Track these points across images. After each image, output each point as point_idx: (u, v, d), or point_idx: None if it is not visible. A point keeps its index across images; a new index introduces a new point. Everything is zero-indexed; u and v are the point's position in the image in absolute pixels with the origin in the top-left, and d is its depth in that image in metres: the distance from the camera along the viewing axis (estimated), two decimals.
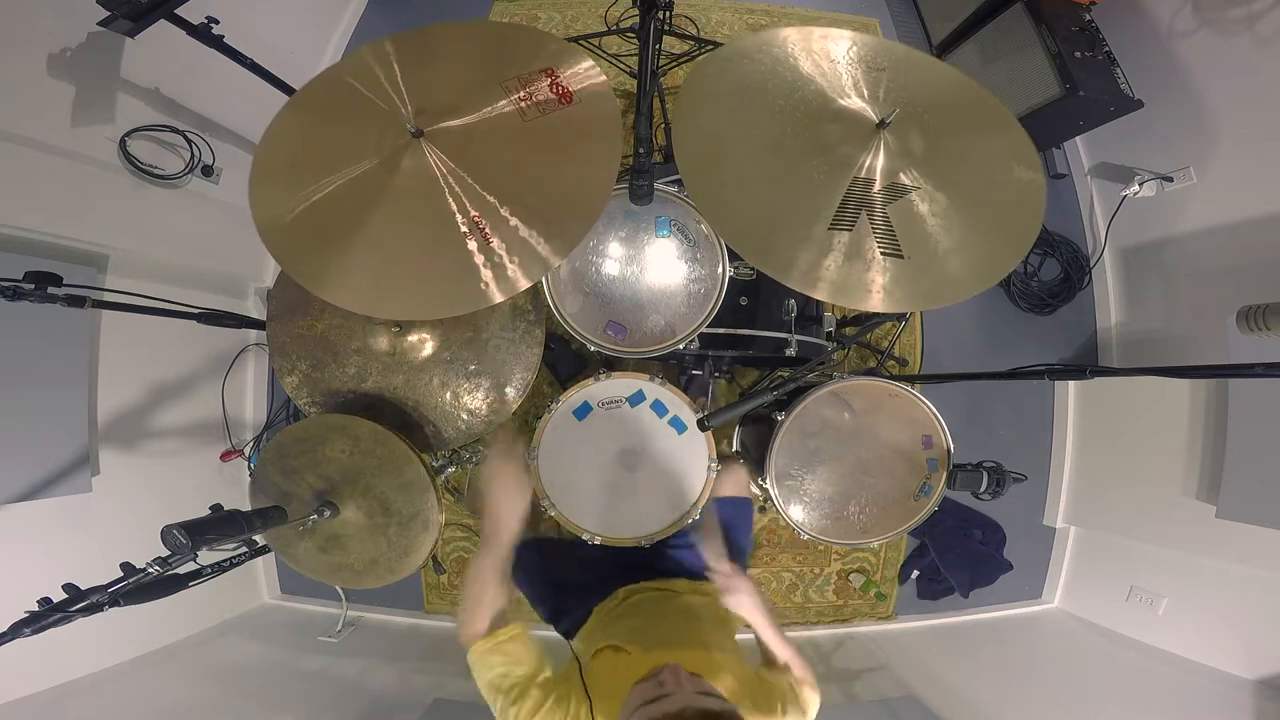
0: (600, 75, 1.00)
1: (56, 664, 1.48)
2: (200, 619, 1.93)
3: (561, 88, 0.97)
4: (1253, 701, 1.61)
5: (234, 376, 2.12)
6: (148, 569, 0.90)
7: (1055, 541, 2.30)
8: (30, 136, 1.37)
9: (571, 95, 0.97)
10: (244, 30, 1.44)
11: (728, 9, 2.57)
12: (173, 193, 1.74)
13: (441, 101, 0.99)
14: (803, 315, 1.45)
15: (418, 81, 1.02)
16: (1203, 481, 1.76)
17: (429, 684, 1.79)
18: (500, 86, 0.98)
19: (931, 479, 1.37)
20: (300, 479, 1.23)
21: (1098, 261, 2.31)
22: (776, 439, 1.34)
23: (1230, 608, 1.75)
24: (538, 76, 0.98)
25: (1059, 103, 1.95)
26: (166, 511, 0.95)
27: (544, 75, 0.98)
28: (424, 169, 0.95)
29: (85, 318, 1.58)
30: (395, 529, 1.22)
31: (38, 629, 0.81)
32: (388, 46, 1.05)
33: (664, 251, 1.31)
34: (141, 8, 1.24)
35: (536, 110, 0.97)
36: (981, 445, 2.27)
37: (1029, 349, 2.34)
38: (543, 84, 0.98)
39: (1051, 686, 1.85)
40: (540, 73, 0.99)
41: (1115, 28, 2.01)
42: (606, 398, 1.32)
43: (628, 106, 2.31)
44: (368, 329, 1.35)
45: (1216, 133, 1.89)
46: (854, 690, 1.86)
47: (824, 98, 1.03)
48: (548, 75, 0.98)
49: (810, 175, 0.98)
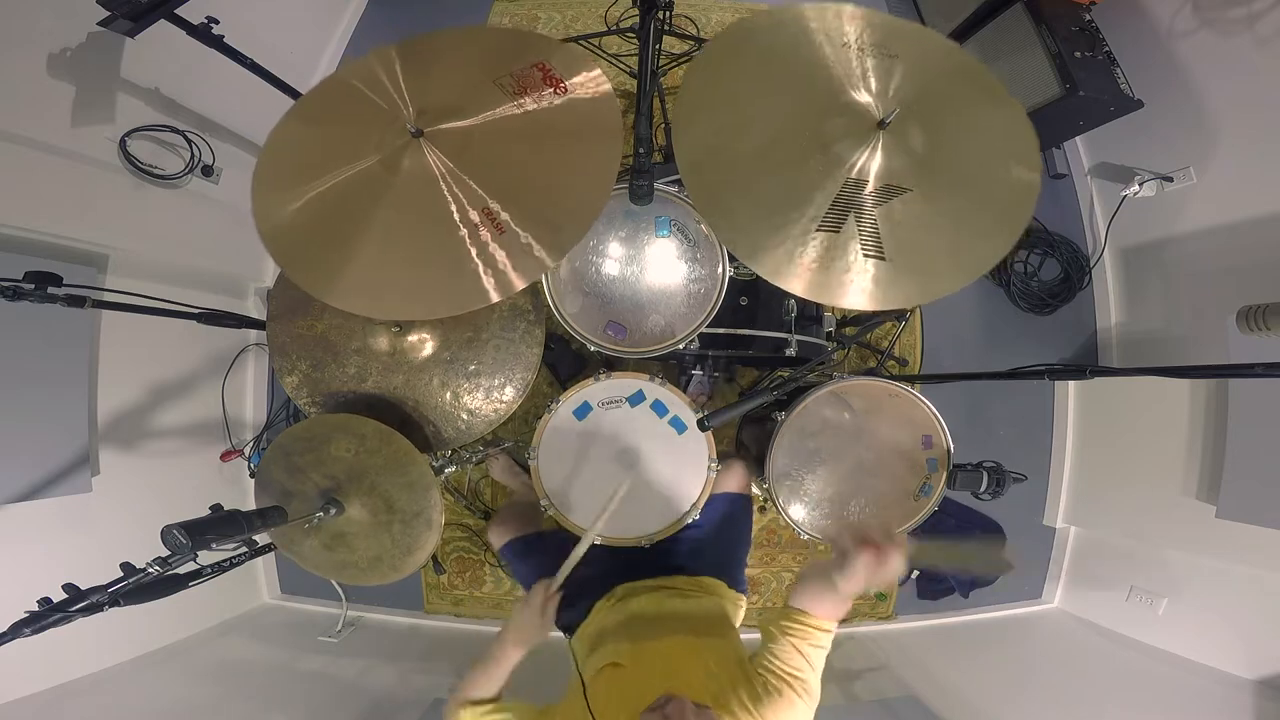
0: (596, 70, 0.99)
1: (56, 664, 1.48)
2: (200, 619, 1.93)
3: (554, 78, 0.97)
4: (1253, 701, 1.61)
5: (234, 376, 2.12)
6: (148, 569, 0.90)
7: (1055, 541, 2.29)
8: (30, 136, 1.37)
9: (564, 84, 0.97)
10: (244, 30, 1.44)
11: (728, 9, 2.57)
12: (173, 193, 1.75)
13: (442, 103, 0.99)
14: (803, 315, 1.46)
15: (419, 83, 1.02)
16: (1203, 481, 1.76)
17: (429, 684, 1.79)
18: (495, 84, 0.98)
19: (931, 479, 1.37)
20: (305, 477, 1.23)
21: (1098, 261, 2.31)
22: (776, 439, 1.34)
23: (1230, 608, 1.75)
24: (530, 71, 0.98)
25: (1059, 103, 1.95)
26: (166, 511, 0.95)
27: (535, 69, 0.98)
28: (424, 169, 0.95)
29: (85, 318, 1.58)
30: (399, 527, 1.22)
31: (38, 629, 0.81)
32: (393, 52, 1.05)
33: (664, 251, 1.31)
34: (141, 8, 1.23)
35: (533, 103, 0.97)
36: (981, 445, 2.27)
37: (1029, 349, 2.34)
38: (535, 76, 0.98)
39: (1051, 686, 1.84)
40: (533, 67, 0.98)
41: (1115, 28, 2.01)
42: (606, 398, 1.32)
43: (628, 106, 2.31)
44: (368, 329, 1.35)
45: (1216, 133, 1.89)
46: (854, 690, 1.86)
47: (831, 91, 1.01)
48: (539, 69, 0.98)
49: (808, 174, 0.98)
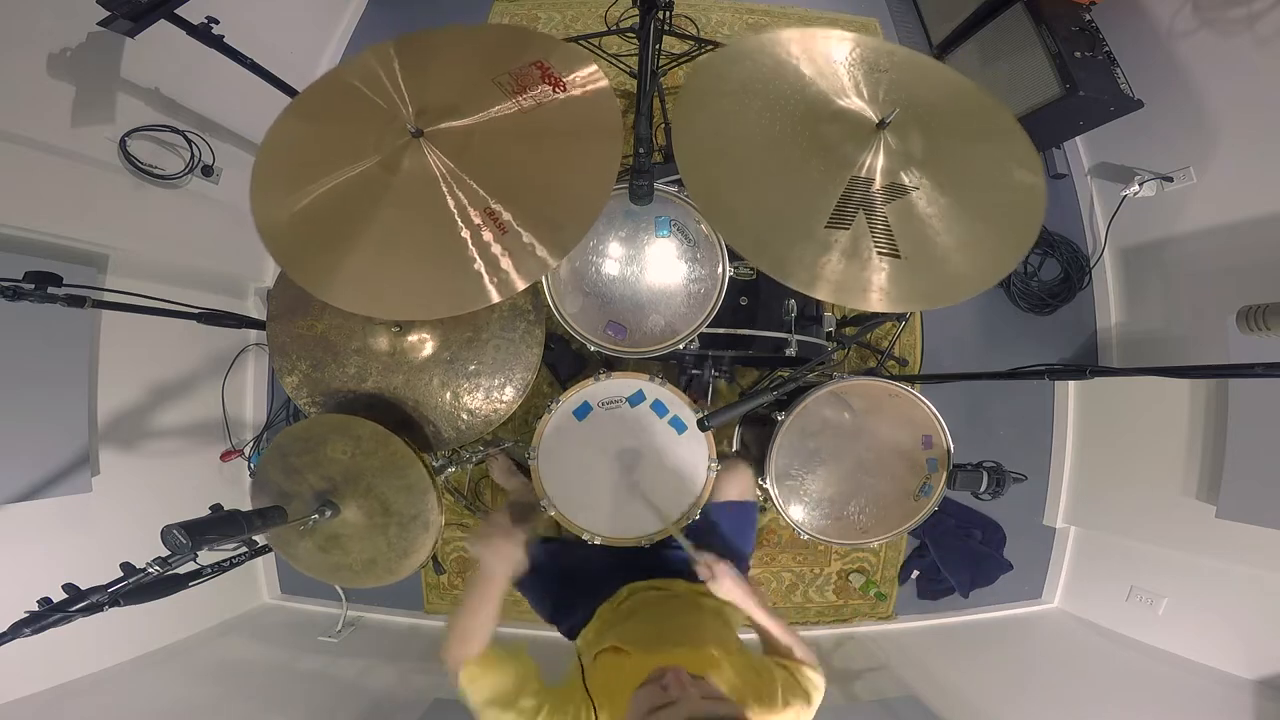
0: (593, 67, 0.99)
1: (56, 664, 1.48)
2: (200, 619, 1.93)
3: (553, 77, 0.97)
4: (1253, 701, 1.61)
5: (234, 376, 2.12)
6: (148, 569, 0.90)
7: (1055, 541, 2.29)
8: (30, 136, 1.37)
9: (563, 82, 0.97)
10: (244, 30, 1.44)
11: (728, 9, 2.57)
12: (173, 193, 1.74)
13: (441, 102, 0.99)
14: (803, 315, 1.46)
15: (417, 82, 1.02)
16: (1203, 481, 1.76)
17: (429, 684, 1.79)
18: (494, 83, 0.98)
19: (931, 479, 1.38)
20: (302, 478, 1.23)
21: (1098, 261, 2.31)
22: (776, 439, 1.34)
23: (1230, 608, 1.75)
24: (528, 69, 0.98)
25: (1059, 103, 1.95)
26: (166, 511, 0.94)
27: (534, 68, 0.98)
28: (424, 169, 0.95)
29: (85, 318, 1.58)
30: (395, 530, 1.22)
31: (38, 629, 0.81)
32: (391, 49, 1.05)
33: (664, 251, 1.31)
34: (141, 8, 1.24)
35: (531, 101, 0.97)
36: (981, 445, 2.27)
37: (1029, 349, 2.34)
38: (533, 74, 0.98)
39: (1051, 686, 1.85)
40: (531, 65, 0.98)
41: (1115, 28, 2.01)
42: (606, 398, 1.32)
43: (628, 106, 2.31)
44: (368, 329, 1.35)
45: (1216, 133, 1.89)
46: (854, 690, 1.86)
47: (824, 98, 1.03)
48: (538, 67, 0.98)
49: (810, 174, 0.98)
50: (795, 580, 2.21)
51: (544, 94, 0.97)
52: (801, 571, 2.21)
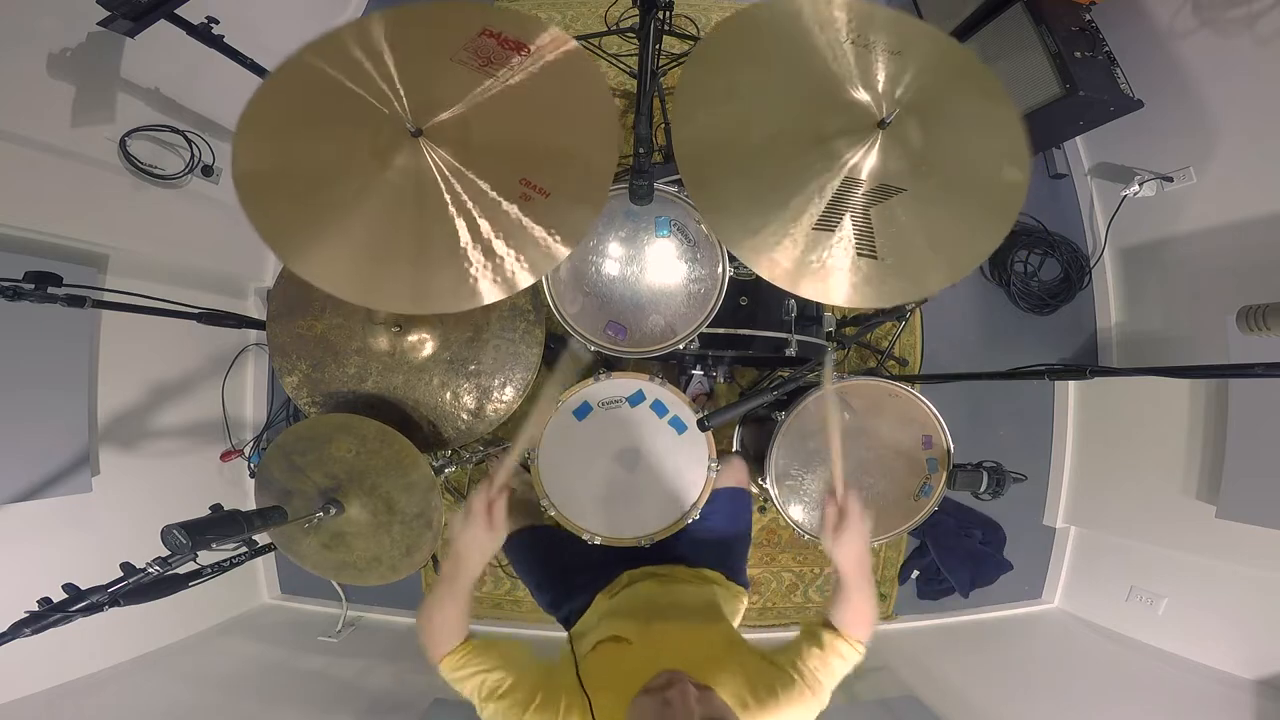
0: (550, 27, 0.95)
1: (56, 664, 1.48)
2: (200, 619, 1.93)
3: (510, 41, 0.94)
4: (1253, 701, 1.61)
5: (234, 376, 2.12)
6: (148, 569, 0.90)
7: (1055, 541, 2.29)
8: (30, 136, 1.37)
9: (527, 47, 0.94)
10: (244, 30, 1.44)
11: (728, 9, 2.57)
12: (173, 193, 1.74)
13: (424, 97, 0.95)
14: (802, 315, 1.46)
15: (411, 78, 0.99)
16: (1203, 481, 1.76)
17: (428, 684, 1.79)
18: (453, 61, 0.94)
19: (931, 479, 1.38)
20: (306, 476, 1.23)
21: (1098, 261, 2.31)
22: (776, 439, 1.34)
23: (1230, 608, 1.75)
24: (481, 40, 0.95)
25: (1059, 103, 1.95)
26: (166, 511, 0.95)
27: (486, 37, 0.95)
28: (422, 167, 0.94)
29: (85, 318, 1.58)
30: (399, 528, 1.23)
31: (38, 629, 0.81)
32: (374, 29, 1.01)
33: (664, 251, 1.31)
34: (141, 8, 1.24)
35: (505, 71, 0.93)
36: (981, 445, 2.26)
37: (1029, 349, 2.34)
38: (489, 44, 0.94)
39: (1051, 686, 1.85)
40: (481, 35, 0.95)
41: (1115, 28, 2.01)
42: (606, 398, 1.32)
43: (628, 106, 2.31)
44: (368, 329, 1.35)
45: (1216, 133, 1.89)
46: (854, 690, 1.86)
47: (833, 88, 0.99)
48: (490, 36, 0.95)
49: (808, 173, 0.98)
50: (795, 580, 2.21)
51: (519, 64, 0.94)
52: (801, 571, 2.21)
